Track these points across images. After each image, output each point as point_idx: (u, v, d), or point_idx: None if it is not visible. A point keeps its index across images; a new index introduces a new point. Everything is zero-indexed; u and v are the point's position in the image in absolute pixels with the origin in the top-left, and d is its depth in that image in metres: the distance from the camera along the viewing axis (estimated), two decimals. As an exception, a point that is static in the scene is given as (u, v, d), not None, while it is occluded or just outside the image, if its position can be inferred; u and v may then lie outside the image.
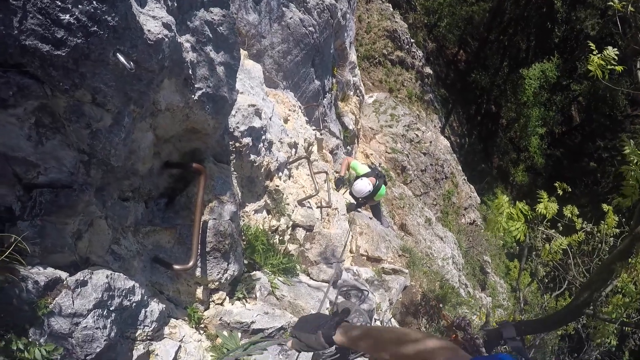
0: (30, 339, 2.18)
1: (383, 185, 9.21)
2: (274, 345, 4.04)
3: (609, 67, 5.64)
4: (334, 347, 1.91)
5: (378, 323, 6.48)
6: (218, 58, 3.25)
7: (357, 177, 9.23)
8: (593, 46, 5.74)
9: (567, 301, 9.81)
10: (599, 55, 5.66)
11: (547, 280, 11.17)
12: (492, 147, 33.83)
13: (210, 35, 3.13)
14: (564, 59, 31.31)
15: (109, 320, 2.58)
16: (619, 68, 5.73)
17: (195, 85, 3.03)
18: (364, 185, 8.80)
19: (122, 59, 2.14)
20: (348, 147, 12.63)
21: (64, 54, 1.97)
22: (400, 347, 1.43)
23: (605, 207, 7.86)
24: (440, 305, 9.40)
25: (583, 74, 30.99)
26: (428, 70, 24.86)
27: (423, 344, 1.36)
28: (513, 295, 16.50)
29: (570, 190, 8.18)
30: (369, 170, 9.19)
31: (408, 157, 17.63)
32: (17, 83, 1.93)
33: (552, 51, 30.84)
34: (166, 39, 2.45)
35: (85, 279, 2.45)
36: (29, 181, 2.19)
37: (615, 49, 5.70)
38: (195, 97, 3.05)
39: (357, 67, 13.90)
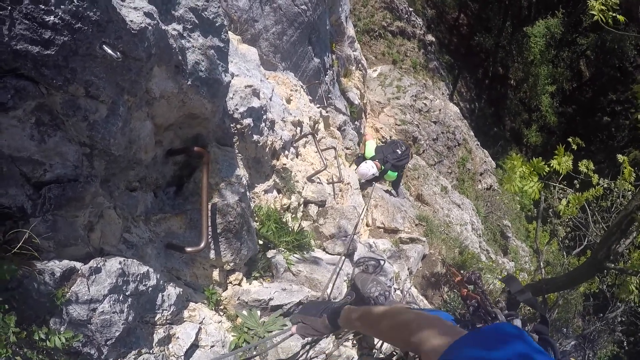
0: (50, 329, 2.29)
1: (390, 171, 9.21)
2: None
3: (610, 13, 5.56)
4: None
5: (398, 292, 6.56)
6: (207, 42, 3.29)
7: (364, 160, 9.33)
8: None
9: (588, 259, 9.79)
10: (600, 0, 5.56)
11: (567, 240, 11.15)
12: (503, 110, 33.46)
13: (196, 21, 3.18)
14: (568, 13, 30.67)
15: (126, 305, 2.68)
16: (621, 18, 5.62)
17: (187, 71, 3.08)
18: (367, 169, 8.87)
19: (108, 50, 2.21)
20: (356, 123, 12.62)
21: (53, 53, 2.04)
22: (393, 330, 1.46)
23: (620, 157, 7.76)
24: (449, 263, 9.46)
25: (589, 27, 30.41)
26: (430, 37, 24.56)
27: (416, 326, 1.35)
28: (535, 258, 16.49)
29: (584, 145, 8.10)
30: (374, 154, 9.24)
31: (418, 127, 17.55)
32: (13, 86, 2.01)
33: (555, 6, 30.24)
34: (149, 27, 2.51)
35: (99, 265, 2.54)
36: (36, 179, 2.27)
37: (618, -6, 5.59)
38: (189, 82, 3.10)
39: (357, 42, 13.79)
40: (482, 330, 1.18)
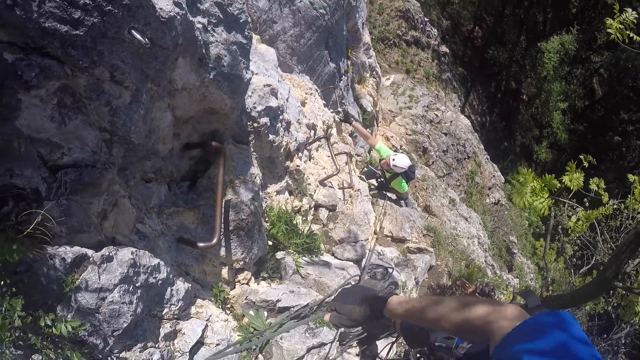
0: (57, 315, 2.25)
1: (403, 178, 9.06)
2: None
3: (628, 32, 5.47)
4: (360, 328, 1.81)
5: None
6: (230, 38, 3.27)
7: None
8: (617, 6, 5.53)
9: (595, 279, 9.66)
10: (618, 18, 5.48)
11: (575, 259, 11.03)
12: (514, 125, 33.27)
13: (221, 15, 3.16)
14: (583, 30, 30.48)
15: (135, 297, 2.63)
16: (638, 38, 5.53)
17: (210, 65, 3.06)
18: (405, 160, 8.66)
19: (137, 35, 2.18)
20: (368, 130, 12.58)
21: (82, 34, 2.02)
22: (461, 315, 1.37)
23: (631, 177, 7.65)
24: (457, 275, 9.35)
25: (603, 45, 30.24)
26: (444, 48, 24.47)
27: (482, 309, 1.30)
28: (540, 276, 16.32)
29: (595, 162, 8.00)
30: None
31: (429, 138, 17.45)
32: (39, 64, 1.98)
33: (570, 22, 30.06)
34: (178, 17, 2.48)
35: (111, 254, 2.51)
36: (53, 162, 2.24)
37: (635, 12, 5.50)
38: (211, 76, 3.08)
39: (372, 49, 13.75)
40: (523, 324, 1.14)
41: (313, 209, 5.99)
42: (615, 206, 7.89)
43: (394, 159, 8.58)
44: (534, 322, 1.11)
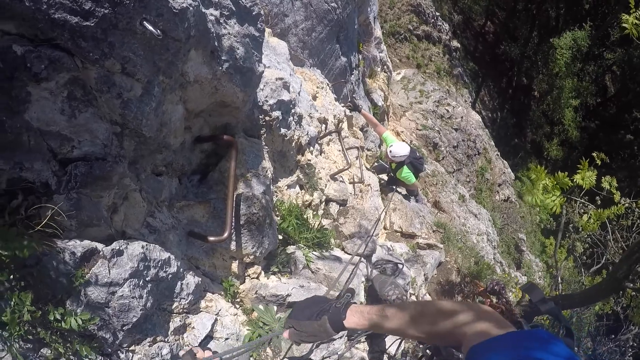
0: (67, 309, 2.23)
1: (407, 168, 8.80)
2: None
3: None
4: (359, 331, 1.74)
5: (413, 297, 6.46)
6: (242, 30, 3.23)
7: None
8: (632, 1, 5.45)
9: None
10: (634, 14, 5.40)
11: (585, 257, 10.93)
12: (525, 121, 32.98)
13: (234, 8, 3.12)
14: (596, 26, 30.08)
15: (145, 291, 2.61)
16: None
17: (222, 57, 3.02)
18: (403, 147, 8.43)
19: (149, 26, 2.15)
20: (377, 124, 12.51)
21: (92, 25, 1.98)
22: (435, 323, 1.33)
23: (644, 176, 7.55)
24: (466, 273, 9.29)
25: (616, 41, 29.89)
26: (455, 43, 24.30)
27: (458, 316, 1.24)
28: (549, 274, 16.20)
29: (607, 160, 7.92)
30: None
31: (439, 133, 17.34)
32: (48, 56, 1.95)
33: (583, 18, 29.68)
34: (191, 8, 2.44)
35: (121, 248, 2.48)
36: (63, 156, 2.21)
37: (652, 7, 5.42)
38: (223, 69, 3.04)
39: (383, 43, 13.67)
40: (528, 332, 1.11)
41: (324, 203, 5.97)
42: (626, 205, 7.80)
43: (390, 150, 8.39)
44: (529, 334, 1.08)
